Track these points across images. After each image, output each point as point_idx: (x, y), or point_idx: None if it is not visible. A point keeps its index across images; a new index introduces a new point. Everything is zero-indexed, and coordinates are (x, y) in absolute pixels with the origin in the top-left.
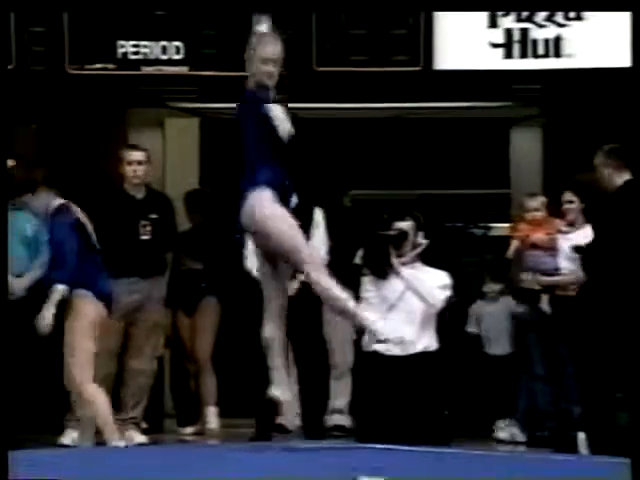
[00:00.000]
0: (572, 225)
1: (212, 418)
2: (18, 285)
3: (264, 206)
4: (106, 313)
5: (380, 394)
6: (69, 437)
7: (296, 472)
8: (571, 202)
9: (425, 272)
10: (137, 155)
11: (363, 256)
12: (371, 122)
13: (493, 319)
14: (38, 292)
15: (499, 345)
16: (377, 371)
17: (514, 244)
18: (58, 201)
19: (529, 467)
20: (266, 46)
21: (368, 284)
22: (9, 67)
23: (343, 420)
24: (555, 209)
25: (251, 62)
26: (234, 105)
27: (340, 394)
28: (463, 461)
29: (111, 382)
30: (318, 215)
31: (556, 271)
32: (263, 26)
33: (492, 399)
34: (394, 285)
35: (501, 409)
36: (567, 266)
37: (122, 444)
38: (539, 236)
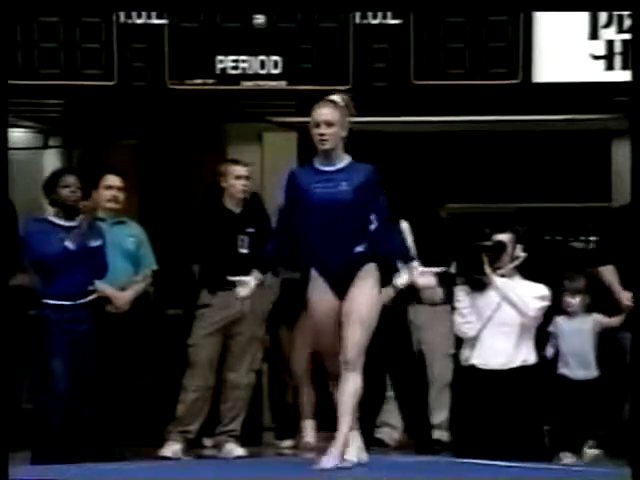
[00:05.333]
0: None
1: (309, 432)
2: (122, 298)
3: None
4: None
5: (479, 409)
6: (170, 449)
7: None
8: None
9: (521, 284)
10: (243, 170)
11: (457, 265)
12: (469, 135)
13: (579, 337)
14: (140, 305)
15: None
16: (475, 386)
17: None
18: None
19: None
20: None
21: (461, 294)
22: (111, 84)
23: (442, 435)
24: None
25: None
26: None
27: (439, 409)
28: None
29: (210, 395)
30: (403, 227)
31: None
32: None
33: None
34: (489, 297)
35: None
36: None
37: None
38: None
